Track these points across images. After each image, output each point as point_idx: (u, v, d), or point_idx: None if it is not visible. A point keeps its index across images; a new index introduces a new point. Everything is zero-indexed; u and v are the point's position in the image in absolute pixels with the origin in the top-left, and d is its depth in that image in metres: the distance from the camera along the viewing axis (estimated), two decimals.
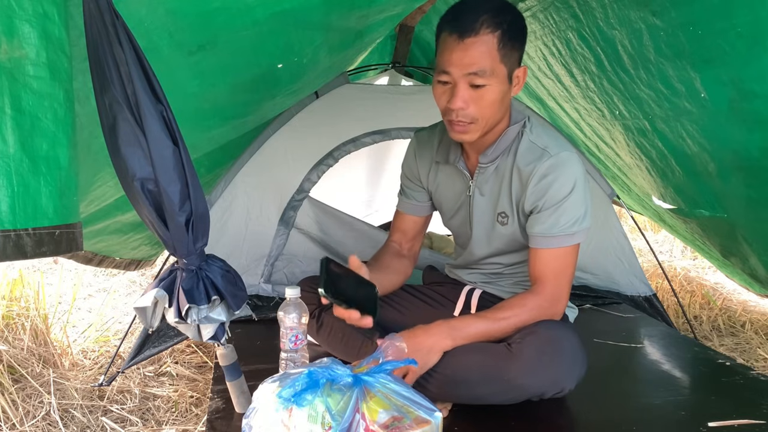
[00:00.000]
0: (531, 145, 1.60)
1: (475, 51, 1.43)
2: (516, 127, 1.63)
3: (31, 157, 0.90)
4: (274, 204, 2.72)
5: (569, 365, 1.50)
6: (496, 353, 1.52)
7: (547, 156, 1.56)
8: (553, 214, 1.55)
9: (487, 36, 1.43)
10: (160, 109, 1.13)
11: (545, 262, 1.59)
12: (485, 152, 1.65)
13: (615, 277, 2.86)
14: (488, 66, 1.44)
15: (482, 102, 1.49)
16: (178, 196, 1.16)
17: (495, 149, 1.64)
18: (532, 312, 1.56)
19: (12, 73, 0.89)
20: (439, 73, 1.51)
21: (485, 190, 1.70)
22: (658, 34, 2.05)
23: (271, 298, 2.63)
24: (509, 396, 1.52)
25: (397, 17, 2.14)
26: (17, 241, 0.86)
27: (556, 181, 1.54)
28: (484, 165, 1.67)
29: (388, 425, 1.22)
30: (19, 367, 2.31)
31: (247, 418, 1.28)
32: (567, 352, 1.50)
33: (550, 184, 1.54)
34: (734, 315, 3.27)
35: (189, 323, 1.29)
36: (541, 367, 1.47)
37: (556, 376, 1.48)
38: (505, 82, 1.50)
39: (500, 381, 1.49)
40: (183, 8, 1.28)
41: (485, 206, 1.72)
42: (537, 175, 1.56)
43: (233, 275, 1.32)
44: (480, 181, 1.71)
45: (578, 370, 1.51)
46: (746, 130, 2.05)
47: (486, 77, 1.45)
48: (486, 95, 1.48)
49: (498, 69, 1.46)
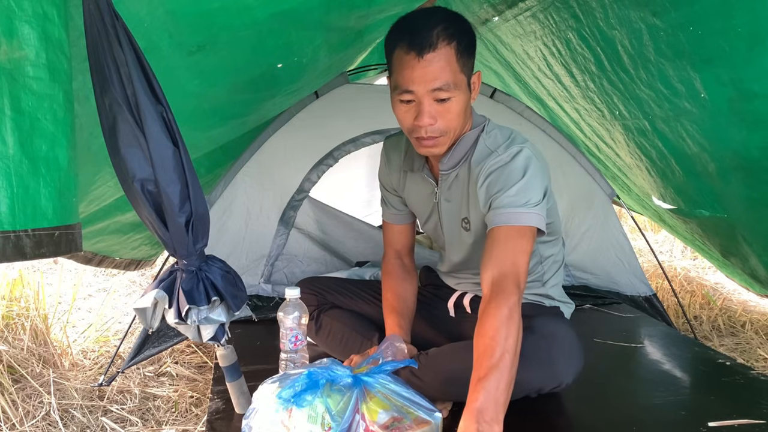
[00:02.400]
0: (483, 148, 1.58)
1: (436, 66, 1.42)
2: (473, 132, 1.62)
3: (31, 158, 0.90)
4: (274, 204, 2.72)
5: (566, 359, 1.50)
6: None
7: (495, 155, 1.54)
8: (501, 196, 1.48)
9: (444, 49, 1.41)
10: (160, 109, 1.13)
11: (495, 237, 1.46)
12: (442, 160, 1.63)
13: (615, 277, 2.86)
14: (450, 79, 1.43)
15: (449, 115, 1.48)
16: (178, 196, 1.16)
17: (451, 157, 1.62)
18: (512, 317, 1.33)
19: (12, 74, 0.89)
20: (400, 92, 1.48)
21: (450, 196, 1.70)
22: (658, 34, 2.05)
23: (271, 299, 2.63)
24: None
25: (396, 17, 2.14)
26: (17, 242, 0.86)
27: (503, 173, 1.50)
28: (445, 172, 1.66)
29: (388, 426, 1.22)
30: (19, 367, 2.31)
31: (247, 418, 1.28)
32: (564, 346, 1.50)
33: (497, 177, 1.51)
34: (734, 315, 3.26)
35: (189, 324, 1.29)
36: (539, 361, 1.47)
37: (554, 370, 1.48)
38: (467, 90, 1.50)
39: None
40: (183, 8, 1.28)
41: (451, 212, 1.72)
42: (483, 174, 1.53)
43: (233, 276, 1.32)
44: (444, 188, 1.70)
45: (575, 363, 1.51)
46: (746, 130, 2.05)
47: (450, 90, 1.44)
48: (452, 107, 1.47)
49: (459, 80, 1.45)
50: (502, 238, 1.45)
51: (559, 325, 1.55)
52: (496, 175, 1.51)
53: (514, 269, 1.39)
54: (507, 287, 1.36)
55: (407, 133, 1.57)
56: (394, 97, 1.52)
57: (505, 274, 1.38)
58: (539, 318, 1.57)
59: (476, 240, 1.68)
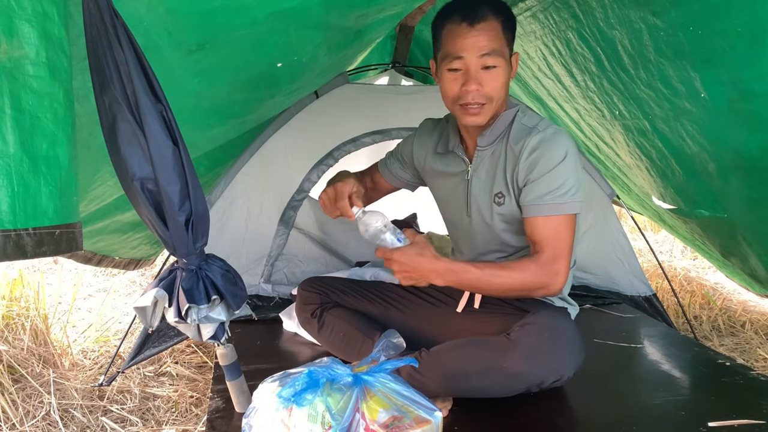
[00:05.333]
0: (522, 126, 1.68)
1: (486, 35, 1.57)
2: (511, 111, 1.72)
3: (31, 156, 0.90)
4: (274, 204, 2.72)
5: (567, 352, 1.53)
6: (494, 344, 1.55)
7: (536, 132, 1.63)
8: (543, 183, 1.59)
9: (493, 21, 1.58)
10: (160, 108, 1.12)
11: (540, 229, 1.61)
12: (483, 134, 1.71)
13: (615, 277, 2.86)
14: (498, 47, 1.58)
15: (494, 82, 1.60)
16: (178, 195, 1.16)
17: (492, 132, 1.71)
18: (529, 276, 1.57)
19: (12, 72, 0.89)
20: (450, 60, 1.61)
21: (482, 173, 1.75)
22: (658, 34, 2.05)
23: (271, 298, 2.63)
24: (509, 385, 1.53)
25: (396, 17, 2.14)
26: (17, 241, 0.86)
27: (546, 152, 1.59)
28: (482, 148, 1.73)
29: (388, 425, 1.22)
30: (19, 367, 2.31)
31: (247, 417, 1.28)
32: (565, 339, 1.54)
33: (540, 156, 1.60)
34: (734, 315, 3.27)
35: (189, 323, 1.29)
36: (540, 354, 1.49)
37: (555, 362, 1.50)
38: (509, 64, 1.64)
39: (499, 370, 1.50)
40: (182, 7, 1.28)
41: (482, 189, 1.76)
42: (527, 150, 1.61)
43: (233, 275, 1.32)
44: (477, 165, 1.76)
45: (576, 357, 1.53)
46: (746, 130, 2.05)
47: (496, 58, 1.58)
48: (497, 75, 1.60)
49: (504, 51, 1.61)
50: (538, 228, 1.60)
51: (560, 319, 1.59)
52: (540, 151, 1.60)
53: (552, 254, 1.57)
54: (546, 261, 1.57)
55: (452, 103, 1.67)
56: (442, 67, 1.65)
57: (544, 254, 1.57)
58: (541, 312, 1.61)
59: (510, 210, 1.71)
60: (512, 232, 1.76)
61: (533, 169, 1.60)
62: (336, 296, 2.03)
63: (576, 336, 1.56)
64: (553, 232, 1.59)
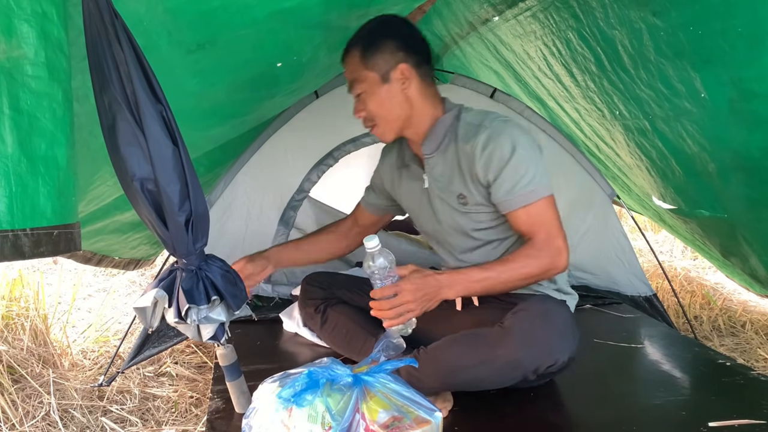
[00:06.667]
0: (468, 126, 1.69)
1: (348, 68, 1.73)
2: (450, 114, 1.75)
3: (30, 156, 0.90)
4: (274, 204, 2.72)
5: (561, 334, 1.53)
6: (489, 334, 1.55)
7: (483, 129, 1.64)
8: (506, 177, 1.61)
9: (353, 53, 1.70)
10: (160, 108, 1.12)
11: (523, 220, 1.64)
12: (424, 142, 1.75)
13: (615, 277, 2.86)
14: (358, 76, 1.69)
15: (368, 105, 1.70)
16: (178, 196, 1.16)
17: (432, 138, 1.74)
18: (534, 261, 1.61)
19: (10, 72, 0.89)
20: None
21: (439, 179, 1.77)
22: (658, 34, 2.05)
23: (271, 298, 2.63)
24: (506, 374, 1.53)
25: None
26: (15, 242, 0.86)
27: (497, 147, 1.61)
28: (429, 155, 1.76)
29: (388, 425, 1.22)
30: (19, 367, 2.31)
31: (247, 418, 1.28)
32: (558, 322, 1.55)
33: (492, 152, 1.61)
34: (734, 315, 3.26)
35: (189, 323, 1.28)
36: (532, 338, 1.50)
37: (548, 346, 1.50)
38: (379, 83, 1.68)
39: (495, 359, 1.51)
40: (182, 7, 1.27)
41: (444, 194, 1.78)
42: (478, 148, 1.63)
43: (233, 275, 1.32)
44: (432, 173, 1.78)
45: (569, 341, 1.54)
46: (746, 130, 2.05)
47: (358, 85, 1.70)
48: (366, 99, 1.70)
49: (366, 75, 1.68)
50: (525, 219, 1.63)
51: (552, 304, 1.61)
52: (492, 147, 1.61)
53: (547, 237, 1.62)
54: (544, 244, 1.61)
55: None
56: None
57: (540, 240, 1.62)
58: (534, 299, 1.63)
59: (476, 208, 1.73)
60: (485, 228, 1.76)
61: (490, 166, 1.62)
62: (340, 292, 2.05)
63: (568, 320, 1.58)
64: (538, 218, 1.62)
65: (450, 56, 4.12)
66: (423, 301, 1.53)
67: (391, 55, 1.66)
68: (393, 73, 1.67)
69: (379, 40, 1.67)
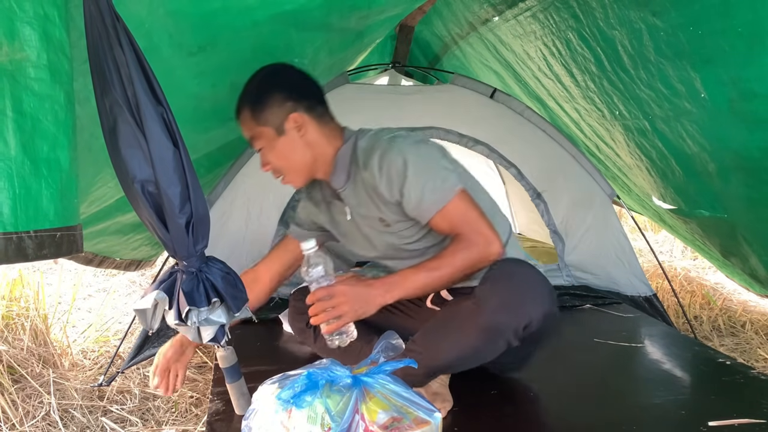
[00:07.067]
0: (363, 152, 1.69)
1: (243, 126, 1.71)
2: (347, 146, 1.74)
3: (32, 159, 0.90)
4: (274, 204, 2.72)
5: (530, 292, 1.53)
6: (463, 308, 1.57)
7: (374, 152, 1.65)
8: (411, 192, 1.61)
9: (244, 111, 1.68)
10: (161, 111, 1.12)
11: (444, 222, 1.63)
12: (331, 179, 1.76)
13: (615, 277, 2.86)
14: (253, 132, 1.68)
15: (271, 159, 1.70)
16: (179, 198, 1.16)
17: (338, 173, 1.75)
18: (464, 252, 1.59)
19: (13, 75, 0.89)
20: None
21: (359, 209, 1.78)
22: (658, 34, 2.05)
23: (271, 299, 2.63)
24: (488, 343, 1.53)
25: (397, 17, 2.15)
26: (19, 244, 0.86)
27: (391, 167, 1.61)
28: (341, 189, 1.77)
29: (388, 426, 1.22)
30: (19, 367, 2.31)
31: (247, 419, 1.29)
32: (525, 281, 1.54)
33: (388, 172, 1.62)
34: (734, 315, 3.27)
35: (189, 325, 1.28)
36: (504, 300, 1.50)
37: (520, 304, 1.50)
38: (276, 136, 1.67)
39: (474, 329, 1.52)
40: (183, 9, 1.28)
41: (367, 222, 1.79)
42: (375, 173, 1.63)
43: (233, 277, 1.32)
44: (350, 203, 1.79)
45: (540, 296, 1.53)
46: (746, 130, 2.05)
47: (256, 141, 1.69)
48: (268, 154, 1.69)
49: (261, 131, 1.66)
50: (446, 221, 1.62)
51: (517, 265, 1.60)
52: (386, 168, 1.62)
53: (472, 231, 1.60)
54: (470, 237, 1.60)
55: None
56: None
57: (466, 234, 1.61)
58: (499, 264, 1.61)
59: (398, 233, 1.75)
60: (417, 240, 1.77)
61: (391, 186, 1.62)
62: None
63: (536, 277, 1.56)
64: (456, 216, 1.62)
65: (450, 56, 4.12)
66: (356, 304, 1.52)
67: (280, 107, 1.65)
68: (286, 124, 1.66)
69: (265, 95, 1.66)
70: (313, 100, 1.71)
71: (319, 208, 1.93)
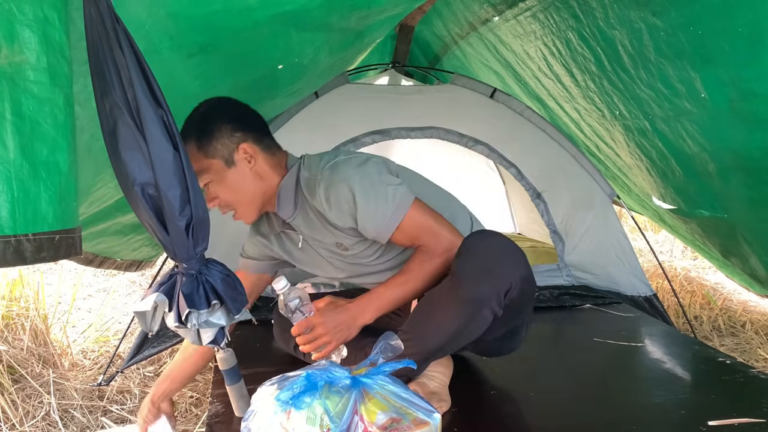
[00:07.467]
0: (307, 181, 1.66)
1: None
2: (290, 175, 1.70)
3: (31, 162, 0.90)
4: None
5: (502, 256, 1.53)
6: (442, 286, 1.56)
7: (319, 183, 1.62)
8: (364, 215, 1.59)
9: (188, 146, 1.57)
10: (161, 113, 1.12)
11: (403, 237, 1.63)
12: (278, 211, 1.72)
13: (615, 277, 2.86)
14: (199, 168, 1.58)
15: (220, 193, 1.63)
16: (179, 200, 1.16)
17: (283, 204, 1.71)
18: (429, 262, 1.59)
19: (12, 78, 0.89)
20: None
21: (314, 236, 1.76)
22: (658, 34, 2.05)
23: (270, 299, 2.63)
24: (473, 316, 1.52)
25: (397, 17, 2.14)
26: (17, 247, 0.86)
27: (339, 195, 1.59)
28: (290, 219, 1.74)
29: (387, 427, 1.22)
30: (19, 367, 2.32)
31: (246, 421, 1.29)
32: (495, 246, 1.55)
33: (337, 201, 1.60)
34: (734, 315, 3.27)
35: (189, 328, 1.28)
36: (480, 268, 1.50)
37: (496, 269, 1.51)
38: (225, 168, 1.61)
39: (457, 304, 1.52)
40: (183, 11, 1.28)
41: (325, 248, 1.78)
42: (323, 203, 1.61)
43: (233, 279, 1.32)
44: (302, 232, 1.77)
45: (513, 259, 1.54)
46: (746, 130, 2.05)
47: (205, 176, 1.60)
48: (216, 188, 1.63)
49: (209, 164, 1.60)
50: (405, 236, 1.62)
51: (484, 234, 1.61)
52: (334, 197, 1.60)
53: (432, 239, 1.60)
54: (431, 245, 1.60)
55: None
56: None
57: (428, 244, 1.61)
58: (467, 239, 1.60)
59: (358, 254, 1.74)
60: (379, 256, 1.76)
61: (343, 215, 1.61)
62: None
63: (506, 243, 1.56)
64: (414, 229, 1.61)
65: (450, 56, 4.12)
66: (337, 332, 1.52)
67: (229, 138, 1.61)
68: (236, 154, 1.62)
69: (211, 127, 1.61)
70: (261, 132, 1.68)
71: (270, 240, 1.88)
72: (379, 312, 1.58)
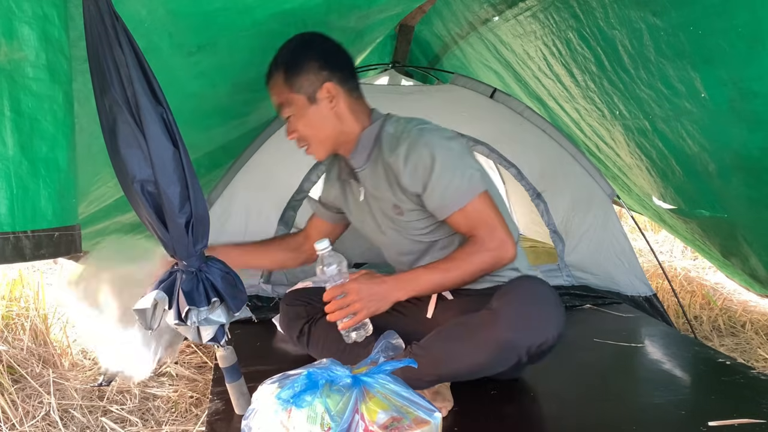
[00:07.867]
0: (389, 137, 1.70)
1: (273, 91, 1.69)
2: (373, 127, 1.74)
3: (31, 159, 0.90)
4: (274, 204, 2.72)
5: (548, 311, 1.53)
6: (479, 319, 1.54)
7: (402, 141, 1.65)
8: (435, 185, 1.61)
9: (276, 76, 1.66)
10: (160, 111, 1.12)
11: (462, 221, 1.64)
12: (352, 156, 1.77)
13: (615, 277, 2.86)
14: (284, 99, 1.66)
15: (298, 127, 1.68)
16: (178, 198, 1.16)
17: (359, 152, 1.75)
18: (479, 256, 1.61)
19: (12, 75, 0.89)
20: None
21: (374, 192, 1.78)
22: (658, 34, 2.05)
23: (270, 299, 2.63)
24: (500, 357, 1.51)
25: (397, 17, 2.15)
26: (16, 244, 0.86)
27: (420, 158, 1.61)
28: (359, 169, 1.78)
29: (388, 426, 1.22)
30: (19, 367, 2.31)
31: (246, 419, 1.28)
32: (544, 299, 1.54)
33: (416, 163, 1.62)
34: (734, 315, 3.26)
35: (189, 325, 1.28)
36: (523, 317, 1.49)
37: (539, 322, 1.50)
38: (307, 105, 1.66)
39: (488, 343, 1.50)
40: (183, 9, 1.28)
41: (380, 206, 1.79)
42: (401, 161, 1.64)
43: (233, 277, 1.32)
44: (365, 186, 1.80)
45: (557, 315, 1.53)
46: (746, 130, 2.05)
47: (286, 108, 1.67)
48: (296, 122, 1.68)
49: (293, 98, 1.65)
50: (464, 220, 1.63)
51: (536, 282, 1.60)
52: (414, 158, 1.62)
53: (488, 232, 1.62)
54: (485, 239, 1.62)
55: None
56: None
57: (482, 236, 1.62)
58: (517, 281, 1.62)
59: (411, 221, 1.75)
60: (427, 233, 1.77)
61: (415, 178, 1.63)
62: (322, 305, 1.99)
63: (553, 296, 1.56)
64: (475, 217, 1.62)
65: (450, 56, 4.12)
66: (369, 300, 1.54)
67: (315, 75, 1.64)
68: (319, 93, 1.65)
69: (301, 62, 1.65)
70: (347, 73, 1.70)
71: (334, 185, 1.95)
72: (414, 292, 1.60)
